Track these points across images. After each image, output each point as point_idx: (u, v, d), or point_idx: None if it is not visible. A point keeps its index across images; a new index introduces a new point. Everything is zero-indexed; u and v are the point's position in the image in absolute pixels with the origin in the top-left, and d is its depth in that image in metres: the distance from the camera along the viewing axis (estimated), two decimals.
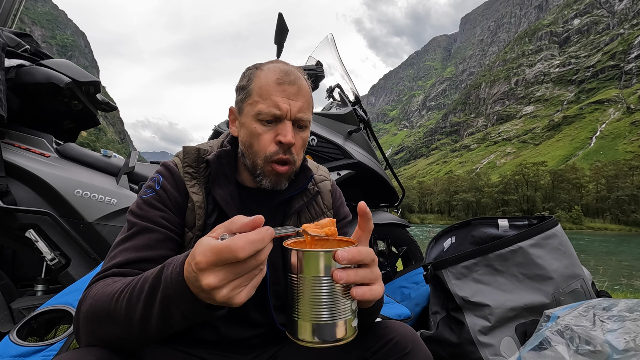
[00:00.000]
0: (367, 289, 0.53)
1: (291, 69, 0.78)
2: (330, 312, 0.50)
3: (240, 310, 0.76)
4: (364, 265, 0.54)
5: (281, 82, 0.75)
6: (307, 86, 0.80)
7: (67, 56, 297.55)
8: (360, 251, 0.53)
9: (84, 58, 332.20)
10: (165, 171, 0.78)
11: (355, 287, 0.52)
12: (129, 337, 0.56)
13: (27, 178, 1.56)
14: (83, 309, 0.59)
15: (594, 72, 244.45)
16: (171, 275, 0.50)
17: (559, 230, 1.45)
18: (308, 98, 0.79)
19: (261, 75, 0.77)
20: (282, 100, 0.74)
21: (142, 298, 0.53)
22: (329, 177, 0.95)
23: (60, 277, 1.55)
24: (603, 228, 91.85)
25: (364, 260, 0.53)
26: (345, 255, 0.50)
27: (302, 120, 0.77)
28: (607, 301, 1.13)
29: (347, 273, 0.50)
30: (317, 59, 2.48)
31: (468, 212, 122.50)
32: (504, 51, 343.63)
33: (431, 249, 1.73)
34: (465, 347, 1.29)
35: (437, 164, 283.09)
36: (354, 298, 0.52)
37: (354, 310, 0.53)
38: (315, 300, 0.50)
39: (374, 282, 0.54)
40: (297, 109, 0.76)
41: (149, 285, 0.53)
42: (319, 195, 0.88)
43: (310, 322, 0.50)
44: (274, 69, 0.77)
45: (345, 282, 0.50)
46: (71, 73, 1.75)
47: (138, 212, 0.72)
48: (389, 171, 2.64)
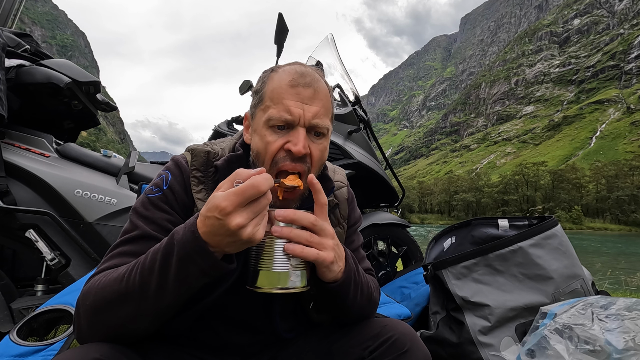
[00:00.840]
0: (298, 247, 0.59)
1: (308, 70, 0.71)
2: (276, 263, 0.59)
3: (244, 316, 0.76)
4: (305, 228, 0.61)
5: (295, 84, 0.68)
6: (326, 90, 0.72)
7: (67, 56, 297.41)
8: (296, 212, 0.60)
9: (84, 58, 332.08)
10: (174, 168, 0.74)
11: (289, 243, 0.59)
12: (144, 313, 0.57)
13: (27, 178, 1.56)
14: (87, 302, 0.59)
15: (594, 72, 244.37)
16: (184, 236, 0.55)
17: (559, 230, 1.45)
18: (326, 103, 0.72)
19: (274, 78, 0.71)
20: (295, 104, 0.67)
21: (157, 267, 0.55)
22: (345, 182, 0.91)
23: (60, 277, 1.55)
24: (603, 228, 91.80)
25: (299, 220, 0.60)
26: (281, 214, 0.59)
27: (318, 127, 0.70)
28: (605, 299, 1.14)
29: (282, 229, 0.59)
30: (317, 59, 2.48)
31: (468, 212, 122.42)
32: (504, 51, 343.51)
33: (431, 249, 1.73)
34: (465, 347, 1.29)
35: (437, 164, 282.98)
36: (286, 251, 0.59)
37: (296, 265, 0.61)
38: (268, 252, 0.60)
39: (314, 246, 0.61)
40: (312, 114, 0.68)
41: (162, 254, 0.56)
42: (337, 207, 0.85)
43: (263, 270, 0.60)
44: (289, 71, 0.71)
45: (279, 236, 0.58)
46: (71, 73, 1.75)
47: (143, 212, 0.69)
48: (389, 171, 2.63)
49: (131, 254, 0.65)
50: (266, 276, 0.59)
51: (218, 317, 0.74)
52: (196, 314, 0.69)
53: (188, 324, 0.70)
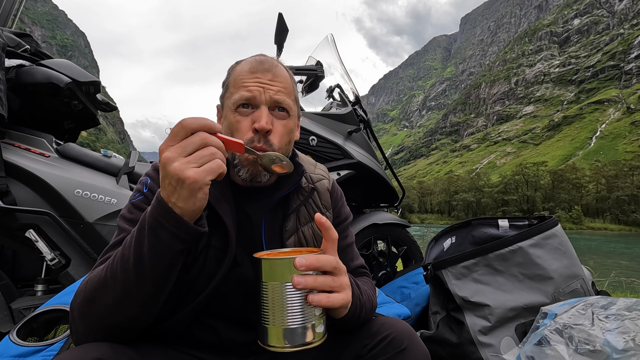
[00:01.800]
0: (324, 296, 0.55)
1: (268, 59, 0.77)
2: (294, 318, 0.53)
3: (241, 312, 0.76)
4: (328, 273, 0.57)
5: (254, 70, 0.74)
6: (285, 74, 0.77)
7: (67, 56, 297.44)
8: (319, 259, 0.56)
9: (84, 58, 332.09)
10: (154, 173, 0.77)
11: (313, 293, 0.54)
12: (129, 298, 0.57)
13: (27, 178, 1.56)
14: (77, 300, 0.60)
15: (594, 72, 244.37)
16: (152, 206, 0.56)
17: (559, 230, 1.45)
18: (287, 85, 0.76)
19: (237, 68, 0.77)
20: (254, 84, 0.73)
21: (133, 244, 0.57)
22: (327, 176, 0.92)
23: (60, 277, 1.55)
24: (603, 228, 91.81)
25: (323, 267, 0.56)
26: (303, 262, 0.53)
27: (280, 103, 0.74)
28: (605, 299, 1.14)
29: (305, 279, 0.53)
30: (317, 59, 2.48)
31: (468, 212, 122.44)
32: (504, 51, 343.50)
33: (431, 249, 1.73)
34: (465, 347, 1.29)
35: (437, 164, 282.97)
36: (311, 303, 0.54)
37: (318, 316, 0.55)
38: (280, 306, 0.53)
39: (336, 289, 0.57)
40: (272, 91, 0.73)
41: (137, 229, 0.58)
42: (316, 193, 0.85)
43: (277, 327, 0.53)
44: (249, 60, 0.77)
45: (303, 288, 0.53)
46: (71, 73, 1.75)
47: (128, 216, 0.71)
48: (389, 171, 2.63)
49: None
50: (283, 334, 0.53)
51: (215, 314, 0.74)
52: (194, 311, 0.69)
53: (186, 323, 0.71)
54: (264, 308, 0.55)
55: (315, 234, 0.83)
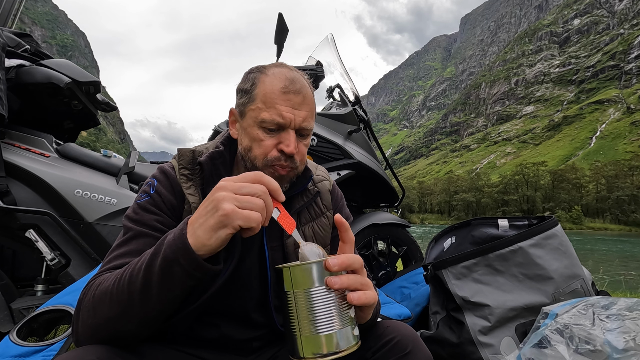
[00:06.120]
0: (361, 293, 0.55)
1: (297, 76, 0.77)
2: (329, 323, 0.50)
3: (242, 310, 0.77)
4: (354, 272, 0.57)
5: (287, 90, 0.74)
6: (311, 94, 0.80)
7: (67, 56, 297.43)
8: (349, 257, 0.56)
9: (84, 58, 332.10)
10: (160, 175, 0.78)
11: (351, 292, 0.54)
12: (131, 315, 0.57)
13: (27, 178, 1.56)
14: (85, 302, 0.60)
15: (594, 72, 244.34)
16: (173, 236, 0.55)
17: (559, 230, 1.45)
18: (312, 107, 0.79)
19: (266, 82, 0.76)
20: (287, 109, 0.74)
21: (143, 267, 0.56)
22: (328, 177, 0.95)
23: (60, 277, 1.55)
24: (603, 228, 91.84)
25: (353, 265, 0.56)
26: (336, 262, 0.53)
27: (305, 130, 0.77)
28: (606, 299, 1.14)
29: (340, 278, 0.53)
30: (317, 59, 2.48)
31: (468, 212, 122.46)
32: (504, 51, 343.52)
33: (431, 249, 1.73)
34: (465, 347, 1.29)
35: (437, 164, 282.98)
36: (351, 303, 0.53)
37: (353, 318, 0.53)
38: (313, 312, 0.50)
39: (366, 287, 0.57)
40: (301, 118, 0.75)
41: (150, 255, 0.56)
42: (319, 195, 0.88)
43: (311, 336, 0.50)
44: (280, 76, 0.76)
45: (339, 287, 0.52)
46: (71, 73, 1.75)
47: (134, 216, 0.72)
48: (389, 171, 2.63)
49: (128, 253, 0.67)
50: (320, 342, 0.50)
51: (217, 312, 0.75)
52: (197, 310, 0.69)
53: (188, 322, 0.71)
54: (293, 318, 0.52)
55: (316, 233, 0.84)
